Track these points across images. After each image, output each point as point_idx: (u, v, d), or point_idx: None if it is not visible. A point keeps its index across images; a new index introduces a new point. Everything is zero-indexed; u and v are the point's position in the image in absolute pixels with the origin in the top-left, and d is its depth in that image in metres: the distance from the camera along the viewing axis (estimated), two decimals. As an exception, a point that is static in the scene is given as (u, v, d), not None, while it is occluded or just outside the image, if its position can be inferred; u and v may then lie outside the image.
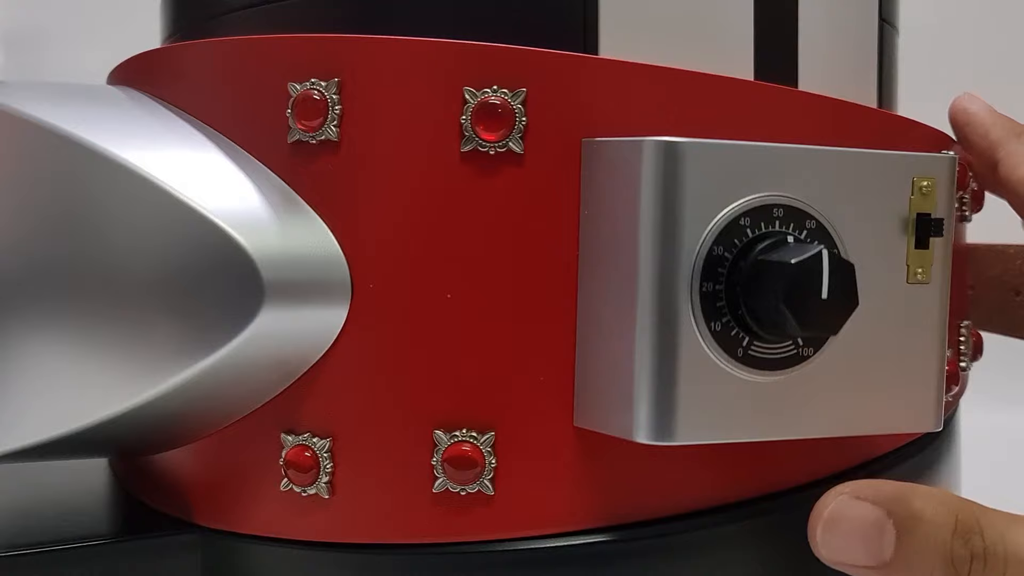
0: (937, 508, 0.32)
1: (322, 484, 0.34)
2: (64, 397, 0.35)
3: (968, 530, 0.31)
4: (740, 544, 0.35)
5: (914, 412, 0.34)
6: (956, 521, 0.31)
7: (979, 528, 0.31)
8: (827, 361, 0.33)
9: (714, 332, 0.31)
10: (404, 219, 0.33)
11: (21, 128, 0.35)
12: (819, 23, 0.37)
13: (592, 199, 0.33)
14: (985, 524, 0.31)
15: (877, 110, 0.40)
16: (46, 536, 0.35)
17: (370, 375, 0.33)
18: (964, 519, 0.31)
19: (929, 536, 0.32)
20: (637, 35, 0.34)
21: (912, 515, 0.32)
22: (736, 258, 0.31)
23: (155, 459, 0.38)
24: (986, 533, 0.31)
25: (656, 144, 0.31)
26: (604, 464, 0.33)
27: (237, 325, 0.32)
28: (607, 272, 0.32)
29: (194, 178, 0.33)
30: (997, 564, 0.31)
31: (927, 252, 0.34)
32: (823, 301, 0.31)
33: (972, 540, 0.31)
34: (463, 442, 0.33)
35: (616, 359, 0.32)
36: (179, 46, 0.37)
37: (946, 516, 0.32)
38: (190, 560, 0.36)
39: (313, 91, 0.33)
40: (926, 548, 0.32)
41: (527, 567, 0.33)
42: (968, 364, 0.43)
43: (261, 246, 0.32)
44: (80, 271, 0.35)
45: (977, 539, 0.31)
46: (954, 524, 0.31)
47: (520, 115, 0.32)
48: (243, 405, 0.35)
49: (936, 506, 0.32)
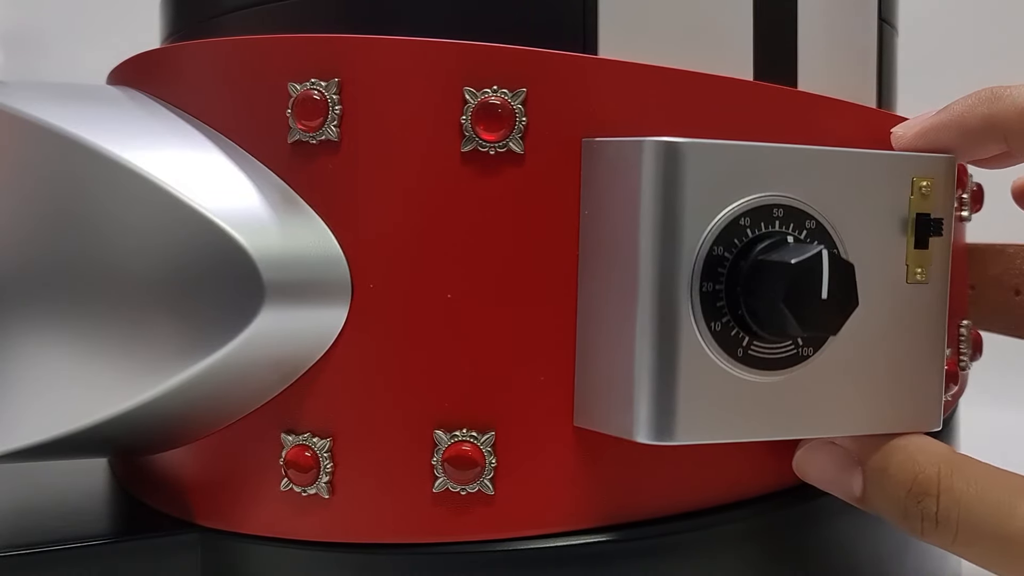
0: (903, 463, 0.33)
1: (322, 484, 0.34)
2: (64, 397, 0.35)
3: (923, 492, 0.32)
4: (740, 544, 0.35)
5: (914, 411, 0.34)
6: (914, 481, 0.32)
7: (936, 491, 0.32)
8: (827, 361, 0.33)
9: (714, 332, 0.31)
10: (404, 219, 0.33)
11: (21, 128, 0.35)
12: (818, 23, 0.37)
13: (592, 199, 0.33)
14: (944, 488, 0.32)
15: (877, 110, 0.40)
16: (46, 536, 0.35)
17: (370, 375, 0.33)
18: (923, 480, 0.32)
19: (887, 490, 0.33)
20: (637, 35, 0.34)
21: (879, 466, 0.33)
22: (736, 258, 0.31)
23: (155, 459, 0.38)
24: (942, 498, 0.32)
25: (656, 144, 0.31)
26: (604, 464, 0.34)
27: (237, 325, 0.32)
28: (607, 272, 0.32)
29: (194, 178, 0.33)
30: (948, 528, 0.32)
31: (926, 252, 0.34)
32: (823, 301, 0.31)
33: (925, 502, 0.32)
34: (463, 442, 0.33)
35: (616, 359, 0.32)
36: (179, 46, 0.37)
37: (907, 474, 0.33)
38: (190, 560, 0.36)
39: (313, 91, 0.33)
40: (886, 500, 0.33)
41: (527, 567, 0.33)
42: (968, 364, 0.43)
43: (261, 246, 0.32)
44: (80, 271, 0.35)
45: (931, 502, 0.32)
46: (911, 483, 0.32)
47: (520, 115, 0.32)
48: (243, 405, 0.35)
49: (902, 460, 0.33)
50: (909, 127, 0.35)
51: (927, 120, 0.35)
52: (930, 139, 0.35)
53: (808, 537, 0.36)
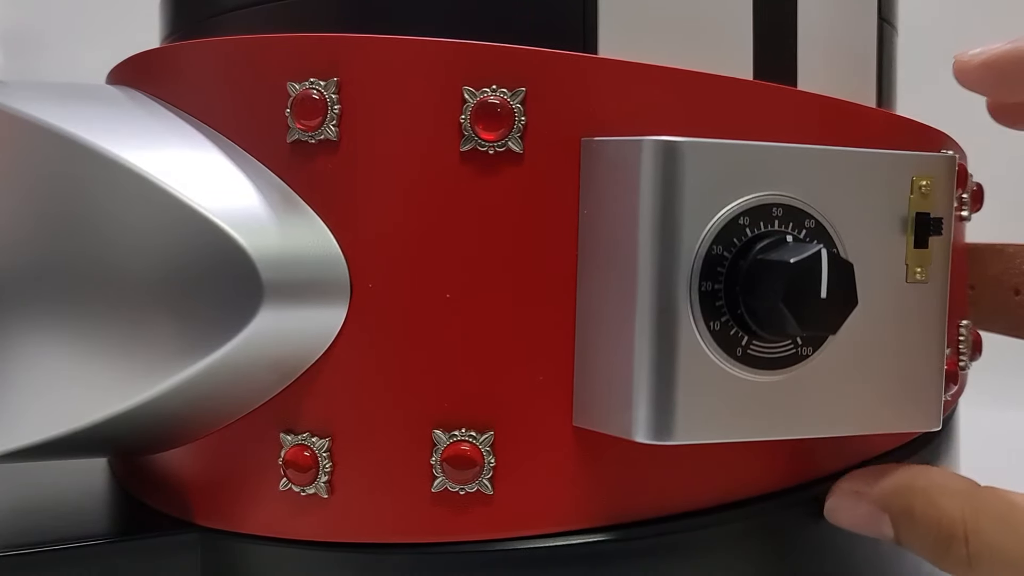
0: (925, 510, 0.33)
1: (321, 484, 0.34)
2: (64, 397, 0.35)
3: (950, 536, 0.32)
4: (739, 543, 0.35)
5: (913, 411, 0.34)
6: (939, 527, 0.32)
7: (964, 536, 0.32)
8: (826, 360, 0.33)
9: (713, 331, 0.31)
10: (403, 219, 0.33)
11: (21, 128, 0.35)
12: (818, 23, 0.37)
13: (591, 198, 0.33)
14: (971, 531, 0.32)
15: (876, 110, 0.40)
16: (46, 536, 0.35)
17: (369, 375, 0.33)
18: (947, 524, 0.32)
19: (918, 535, 0.33)
20: (637, 35, 0.34)
21: (905, 512, 0.33)
22: (735, 257, 0.31)
23: (154, 459, 0.38)
24: (971, 541, 0.32)
25: (655, 144, 0.31)
26: (603, 463, 0.33)
27: (236, 325, 0.32)
28: (606, 271, 0.32)
29: (193, 178, 0.33)
30: (983, 569, 0.31)
31: (926, 251, 0.34)
32: (822, 300, 0.31)
33: (954, 547, 0.32)
34: (462, 441, 0.33)
35: (615, 358, 0.32)
36: (178, 46, 0.37)
37: (931, 520, 0.32)
38: (190, 560, 0.36)
39: (312, 91, 0.33)
40: (918, 545, 0.33)
41: (526, 567, 0.33)
42: (967, 363, 0.43)
43: (260, 246, 0.32)
44: (79, 271, 0.34)
45: (960, 546, 0.32)
46: (936, 529, 0.32)
47: (519, 115, 0.32)
48: (242, 405, 0.35)
49: (924, 507, 0.33)
50: (976, 55, 0.34)
51: (997, 49, 0.33)
52: (998, 69, 0.33)
53: (808, 536, 0.36)
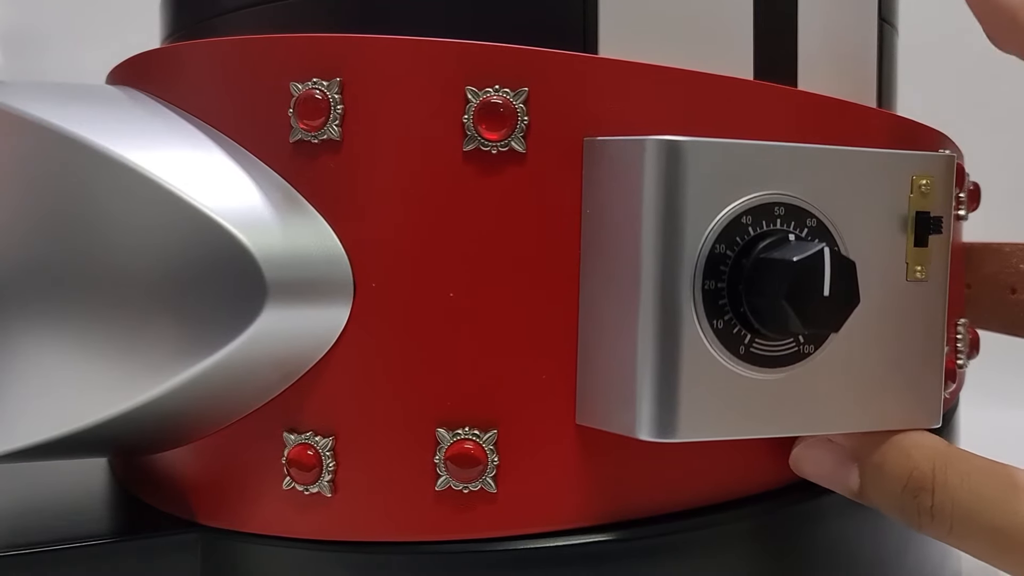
0: (898, 459, 0.33)
1: (324, 483, 0.34)
2: (64, 397, 0.35)
3: (918, 487, 0.33)
4: (742, 542, 0.35)
5: (914, 408, 0.34)
6: (909, 477, 0.33)
7: (931, 486, 0.33)
8: (828, 358, 0.33)
9: (716, 330, 0.31)
10: (406, 218, 0.33)
11: (21, 128, 0.35)
12: (818, 23, 0.37)
13: (594, 198, 0.33)
14: (939, 483, 0.32)
15: (877, 110, 0.40)
16: (46, 536, 0.35)
17: (372, 374, 0.33)
18: (918, 476, 0.33)
19: (884, 485, 0.33)
20: (637, 35, 0.35)
21: (875, 462, 0.34)
22: (738, 256, 0.32)
23: (156, 458, 0.38)
24: (937, 493, 0.32)
25: (658, 143, 0.31)
26: (606, 462, 0.34)
27: (239, 324, 0.32)
28: (609, 270, 0.32)
29: (196, 177, 0.33)
30: (943, 522, 0.32)
31: (926, 250, 0.34)
32: (824, 299, 0.31)
33: (921, 497, 0.33)
34: (465, 440, 0.33)
35: (618, 357, 0.32)
36: (179, 46, 0.37)
37: (902, 469, 0.33)
38: (191, 560, 0.36)
39: (315, 91, 0.33)
40: (883, 495, 0.34)
41: (530, 565, 0.33)
42: (965, 361, 0.44)
43: (263, 245, 0.32)
44: (81, 271, 0.34)
45: (926, 497, 0.33)
46: (906, 479, 0.33)
47: (522, 114, 0.32)
48: (245, 404, 0.35)
49: (897, 456, 0.33)
50: None
51: None
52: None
53: (810, 535, 0.36)
